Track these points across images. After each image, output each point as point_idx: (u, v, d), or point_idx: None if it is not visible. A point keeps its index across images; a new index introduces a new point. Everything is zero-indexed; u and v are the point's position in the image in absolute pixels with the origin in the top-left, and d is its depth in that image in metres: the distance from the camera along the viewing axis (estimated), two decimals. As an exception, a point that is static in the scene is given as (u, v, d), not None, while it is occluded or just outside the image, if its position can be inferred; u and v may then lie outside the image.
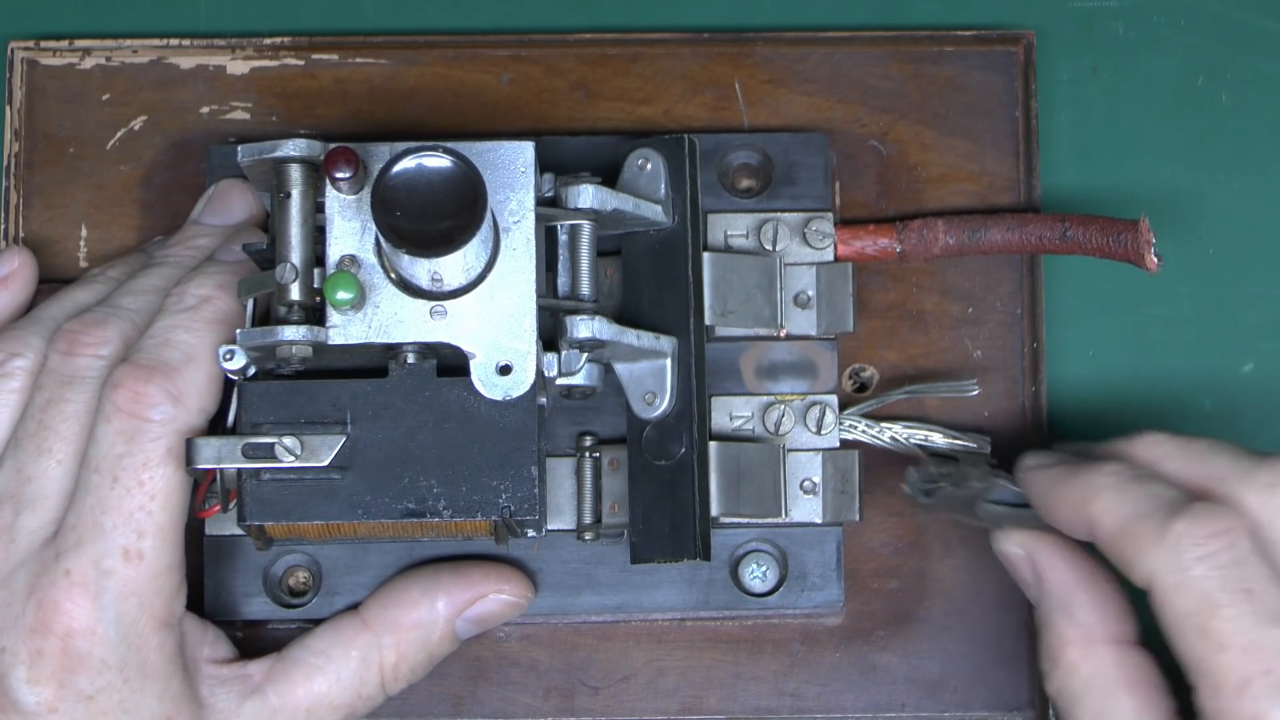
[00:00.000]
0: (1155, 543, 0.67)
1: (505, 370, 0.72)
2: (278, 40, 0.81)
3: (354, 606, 0.76)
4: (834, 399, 0.78)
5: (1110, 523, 0.68)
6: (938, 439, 0.78)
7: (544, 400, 0.73)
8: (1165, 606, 0.67)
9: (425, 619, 0.75)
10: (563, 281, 0.75)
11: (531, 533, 0.75)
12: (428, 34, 0.82)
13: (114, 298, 0.74)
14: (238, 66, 0.81)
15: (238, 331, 0.72)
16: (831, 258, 0.78)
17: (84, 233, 0.80)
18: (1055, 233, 0.77)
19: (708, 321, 0.76)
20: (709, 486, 0.75)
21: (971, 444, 0.78)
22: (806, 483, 0.77)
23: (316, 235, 0.72)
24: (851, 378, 0.80)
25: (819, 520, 0.77)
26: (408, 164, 0.69)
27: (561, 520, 0.77)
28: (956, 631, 0.78)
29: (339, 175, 0.70)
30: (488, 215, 0.69)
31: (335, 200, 0.72)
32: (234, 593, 0.77)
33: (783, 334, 0.78)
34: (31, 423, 0.72)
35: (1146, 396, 0.80)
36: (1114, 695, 0.69)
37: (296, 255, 0.72)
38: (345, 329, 0.72)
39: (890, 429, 0.78)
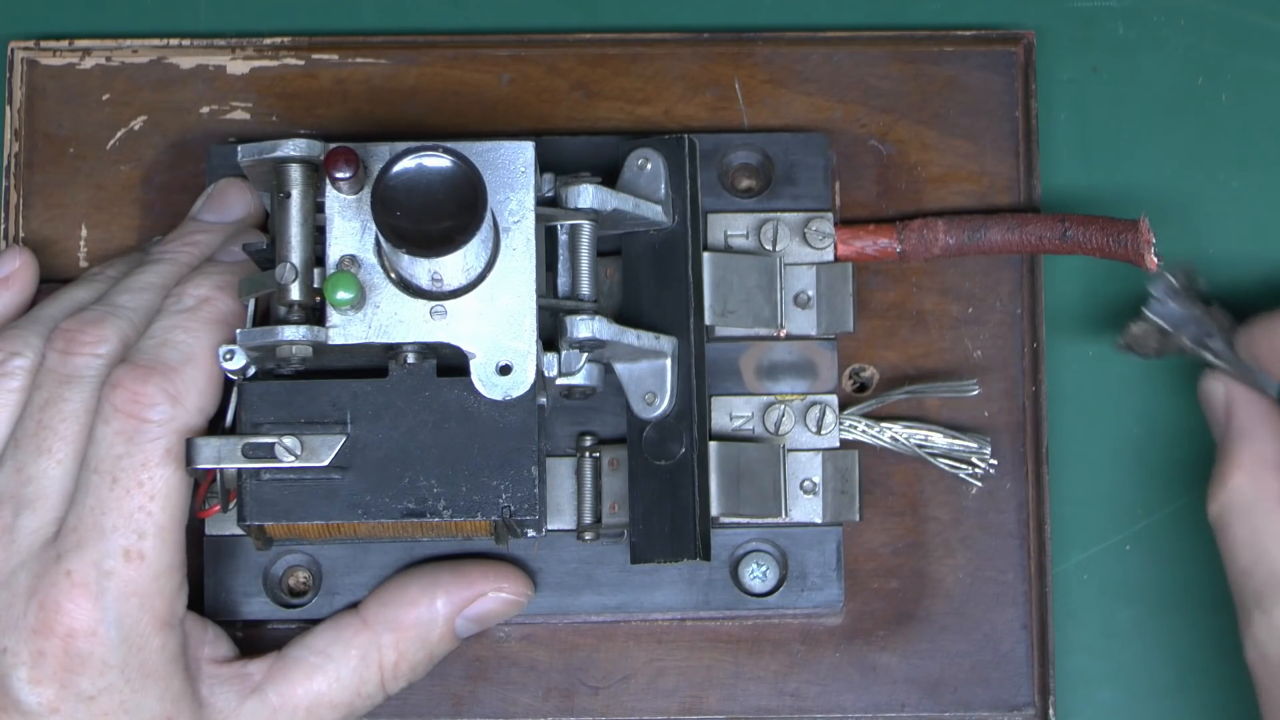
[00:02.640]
0: None
1: (505, 370, 0.72)
2: (278, 40, 0.81)
3: (354, 605, 0.76)
4: (834, 399, 0.78)
5: None
6: (938, 439, 0.78)
7: (544, 400, 0.73)
8: None
9: (425, 617, 0.75)
10: (563, 281, 0.75)
11: (531, 533, 0.75)
12: (428, 34, 0.82)
13: (111, 295, 0.74)
14: (238, 66, 0.81)
15: (238, 331, 0.72)
16: (831, 258, 0.78)
17: (84, 233, 0.80)
18: (1055, 233, 0.77)
19: (708, 321, 0.76)
20: (709, 486, 0.75)
21: (972, 444, 0.78)
22: (806, 483, 0.77)
23: (316, 235, 0.72)
24: (851, 378, 0.80)
25: (819, 520, 0.77)
26: (408, 164, 0.69)
27: (561, 520, 0.77)
28: (956, 631, 0.78)
29: (339, 175, 0.70)
30: (488, 215, 0.69)
31: (335, 200, 0.72)
32: (234, 593, 0.77)
33: (783, 334, 0.78)
34: (30, 422, 0.72)
35: (1147, 396, 0.80)
36: (1274, 513, 0.71)
37: (296, 255, 0.72)
38: (345, 329, 0.72)
39: (890, 429, 0.78)
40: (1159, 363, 0.80)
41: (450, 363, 0.72)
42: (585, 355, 0.74)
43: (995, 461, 0.78)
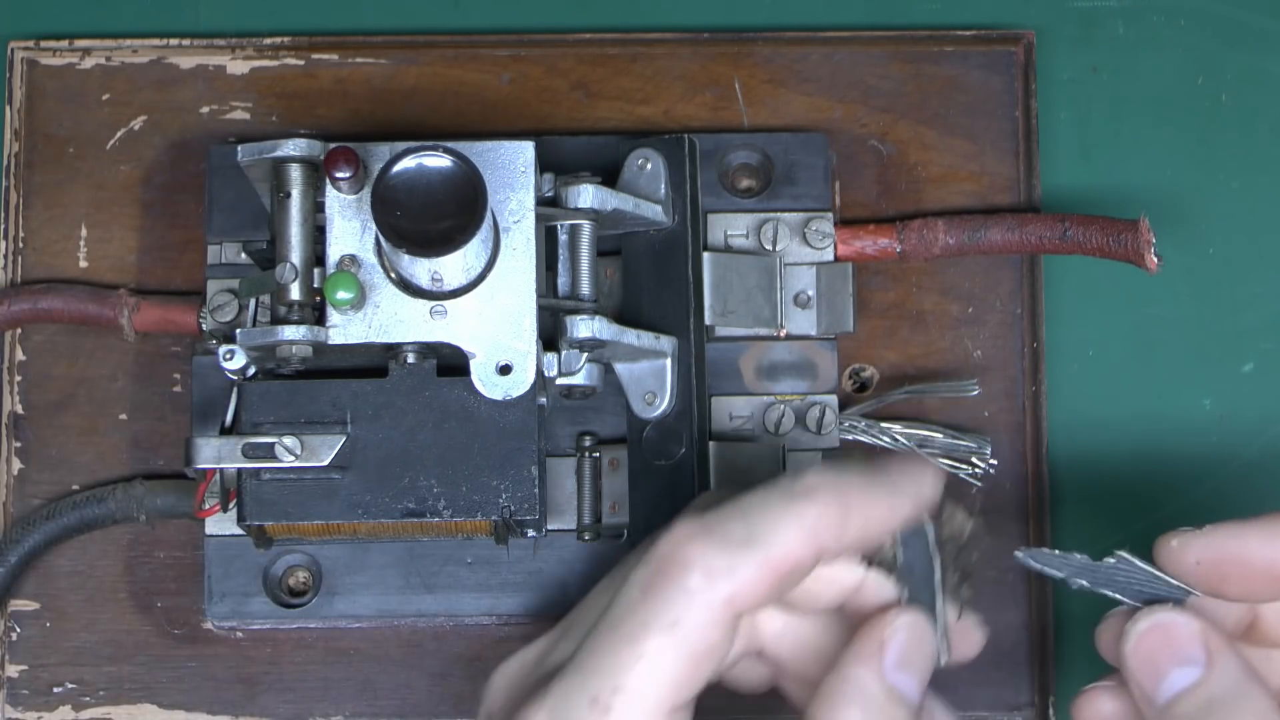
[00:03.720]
0: None
1: (505, 370, 0.72)
2: (278, 40, 0.81)
3: (357, 608, 0.76)
4: (834, 399, 0.78)
5: None
6: (938, 439, 0.78)
7: (544, 400, 0.73)
8: None
9: (856, 691, 0.66)
10: (563, 281, 0.75)
11: (531, 533, 0.75)
12: (428, 34, 0.82)
13: None
14: (238, 66, 0.81)
15: (238, 331, 0.72)
16: (831, 258, 0.78)
17: (84, 233, 0.80)
18: (1055, 233, 0.77)
19: (708, 321, 0.76)
20: (709, 486, 0.75)
21: (972, 444, 0.78)
22: (806, 483, 0.77)
23: (316, 235, 0.72)
24: (851, 378, 0.80)
25: (819, 520, 0.77)
26: (408, 164, 0.69)
27: (561, 520, 0.77)
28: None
29: (339, 175, 0.70)
30: (488, 215, 0.69)
31: (335, 200, 0.72)
32: (234, 593, 0.77)
33: (783, 334, 0.78)
34: None
35: (1146, 396, 0.80)
36: None
37: (296, 255, 0.72)
38: (345, 329, 0.72)
39: (890, 429, 0.78)
40: (1161, 363, 0.80)
41: (450, 363, 0.72)
42: (585, 355, 0.74)
43: (995, 461, 0.78)
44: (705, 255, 0.77)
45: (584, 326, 0.73)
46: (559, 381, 0.74)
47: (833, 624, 0.68)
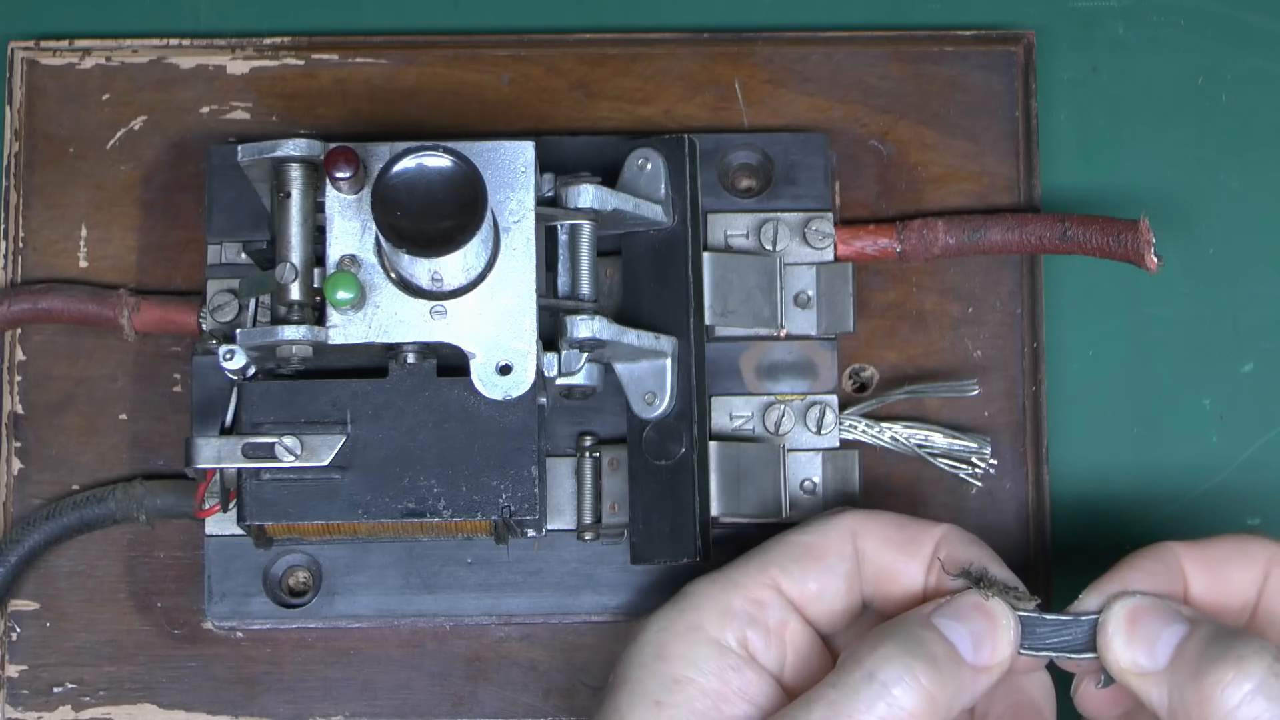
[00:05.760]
0: None
1: (505, 370, 0.72)
2: (278, 40, 0.81)
3: (357, 608, 0.76)
4: (834, 399, 0.78)
5: None
6: (938, 439, 0.78)
7: (544, 400, 0.73)
8: None
9: (895, 626, 0.68)
10: (563, 281, 0.75)
11: (531, 533, 0.75)
12: (428, 34, 0.82)
13: None
14: (238, 66, 0.81)
15: (238, 331, 0.72)
16: (831, 258, 0.78)
17: (84, 233, 0.80)
18: (1055, 233, 0.77)
19: (708, 321, 0.76)
20: (709, 486, 0.75)
21: (972, 444, 0.78)
22: (806, 483, 0.77)
23: (316, 235, 0.72)
24: (851, 378, 0.80)
25: (819, 520, 0.77)
26: (408, 164, 0.69)
27: (561, 520, 0.77)
28: (956, 631, 0.78)
29: (339, 175, 0.70)
30: (488, 215, 0.69)
31: (335, 200, 0.72)
32: (234, 593, 0.77)
33: (783, 334, 0.78)
34: None
35: (1146, 396, 0.80)
36: None
37: (296, 255, 0.72)
38: (345, 329, 0.72)
39: (890, 429, 0.78)
40: (1161, 363, 0.81)
41: (450, 363, 0.72)
42: (585, 355, 0.74)
43: (995, 461, 0.78)
44: (705, 255, 0.77)
45: (584, 326, 0.73)
46: (559, 381, 0.74)
47: None
